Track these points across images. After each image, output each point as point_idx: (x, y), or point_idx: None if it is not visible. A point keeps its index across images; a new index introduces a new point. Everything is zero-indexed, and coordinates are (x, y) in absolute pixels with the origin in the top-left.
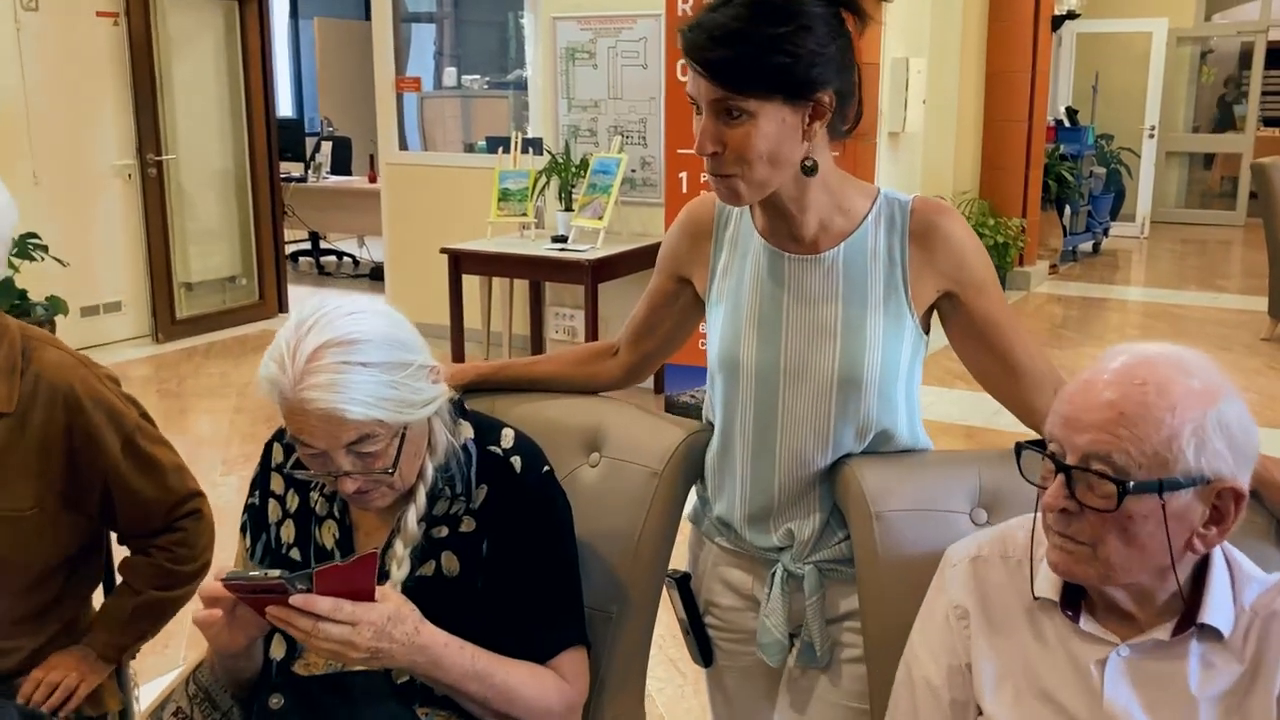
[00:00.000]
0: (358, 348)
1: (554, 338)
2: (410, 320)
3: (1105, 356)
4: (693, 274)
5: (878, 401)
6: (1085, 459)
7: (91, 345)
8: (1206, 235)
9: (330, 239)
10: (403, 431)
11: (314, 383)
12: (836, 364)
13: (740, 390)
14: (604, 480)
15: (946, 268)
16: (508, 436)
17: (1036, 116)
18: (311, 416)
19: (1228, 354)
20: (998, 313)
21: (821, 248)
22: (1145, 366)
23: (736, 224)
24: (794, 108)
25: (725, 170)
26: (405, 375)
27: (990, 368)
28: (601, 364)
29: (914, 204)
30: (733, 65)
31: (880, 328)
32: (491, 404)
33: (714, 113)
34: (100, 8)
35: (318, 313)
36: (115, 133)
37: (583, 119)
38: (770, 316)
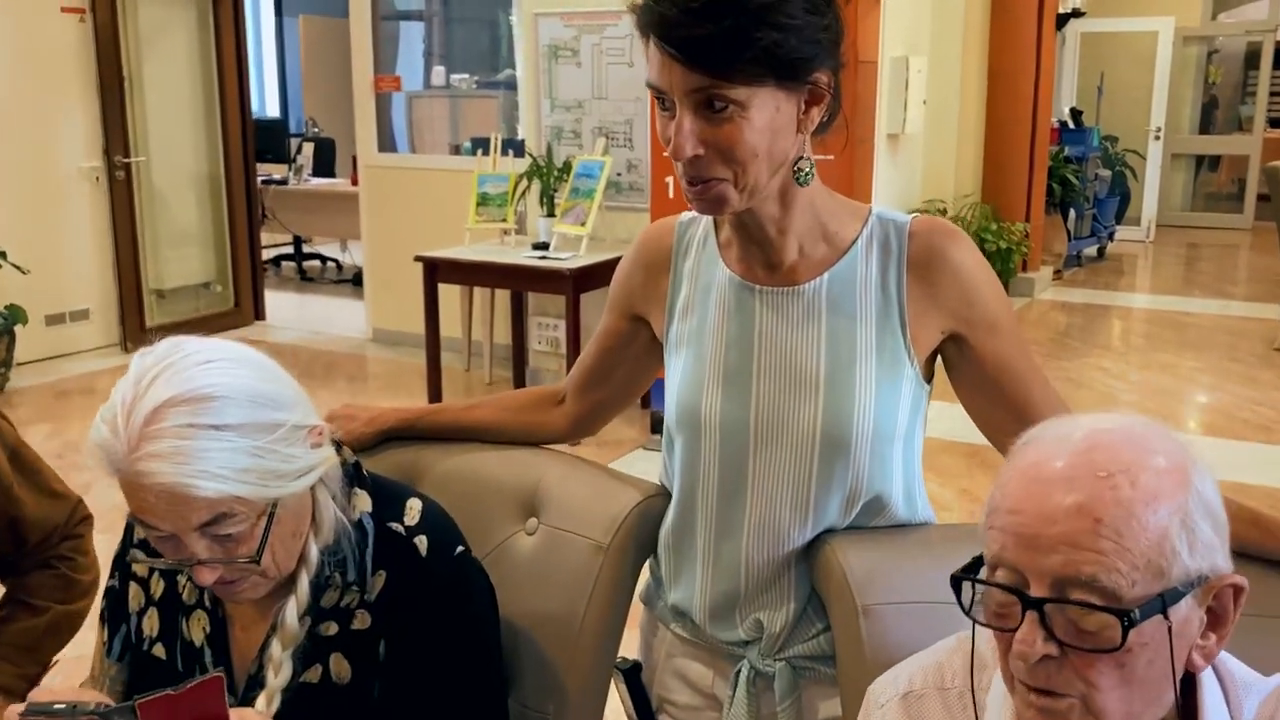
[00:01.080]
0: (211, 406)
1: (537, 348)
2: (389, 329)
3: (1039, 442)
4: (649, 312)
5: (869, 466)
6: (1060, 586)
7: (57, 355)
8: (1213, 239)
9: (314, 243)
10: (270, 509)
11: (153, 451)
12: (819, 421)
13: (702, 453)
14: (542, 552)
15: (953, 303)
16: (413, 510)
17: (1040, 118)
18: (150, 493)
19: (1238, 364)
20: (1014, 357)
21: (800, 278)
22: (1102, 452)
23: (698, 253)
24: (788, 92)
25: (709, 174)
26: (273, 440)
27: (1004, 423)
28: (545, 413)
29: (913, 226)
30: (716, 44)
31: (873, 377)
32: (417, 455)
33: (692, 106)
34: (65, 4)
35: (163, 361)
36: (81, 134)
37: (566, 120)
38: (738, 363)
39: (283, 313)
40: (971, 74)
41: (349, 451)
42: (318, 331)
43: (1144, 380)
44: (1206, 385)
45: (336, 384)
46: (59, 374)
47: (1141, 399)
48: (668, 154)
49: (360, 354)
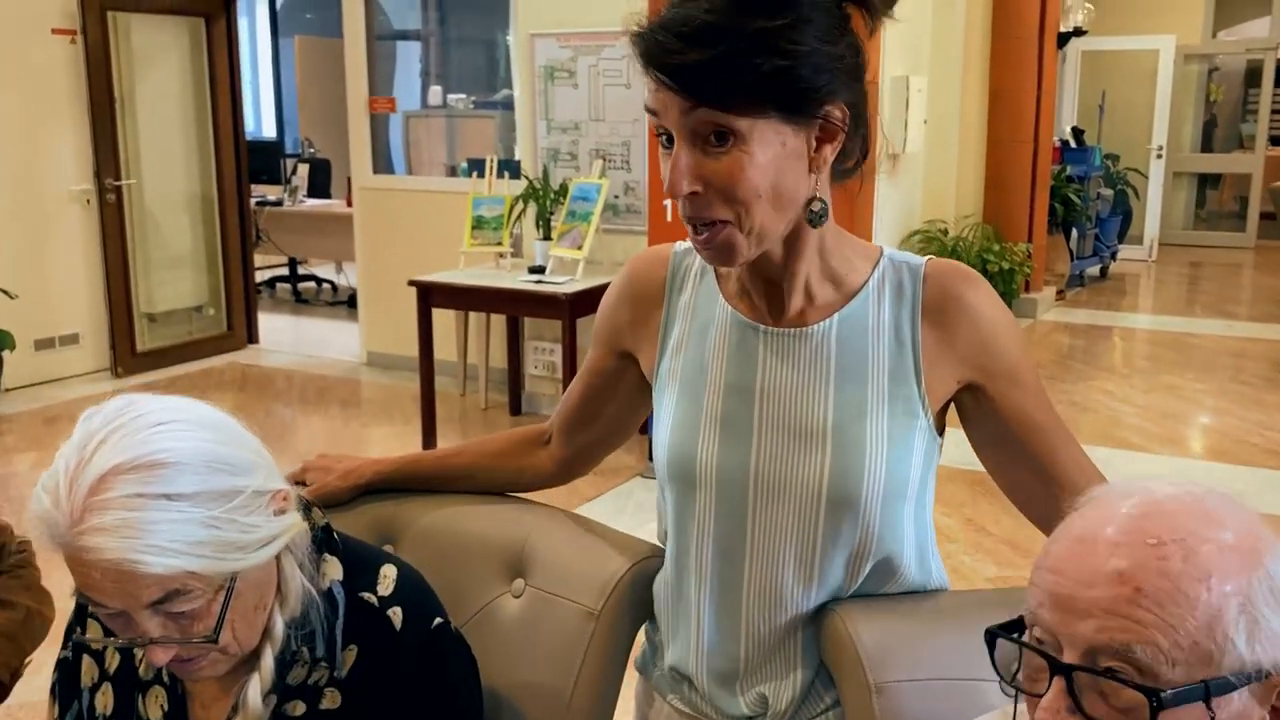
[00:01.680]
0: (162, 473)
1: (533, 373)
2: (384, 352)
3: (1097, 502)
4: (638, 349)
5: (879, 526)
6: (1092, 655)
7: (46, 380)
8: (1215, 258)
9: (309, 264)
10: (229, 583)
11: (98, 524)
12: (825, 476)
13: (696, 506)
14: (529, 617)
15: (970, 351)
16: (387, 578)
17: (1042, 136)
18: (95, 570)
19: (1246, 387)
20: (1035, 409)
21: (808, 320)
22: (1159, 519)
23: (695, 288)
24: (796, 127)
25: (711, 215)
26: (230, 508)
27: (1024, 480)
28: (531, 455)
29: (928, 269)
30: (711, 71)
31: (884, 428)
32: (395, 510)
33: (690, 139)
34: (56, 25)
35: (111, 423)
36: (72, 156)
37: (563, 141)
38: (737, 409)
39: (276, 336)
40: (972, 93)
41: (319, 513)
42: (311, 355)
43: (1149, 403)
44: (1213, 408)
45: (329, 410)
46: (48, 400)
47: (1147, 423)
48: (667, 191)
49: (354, 378)
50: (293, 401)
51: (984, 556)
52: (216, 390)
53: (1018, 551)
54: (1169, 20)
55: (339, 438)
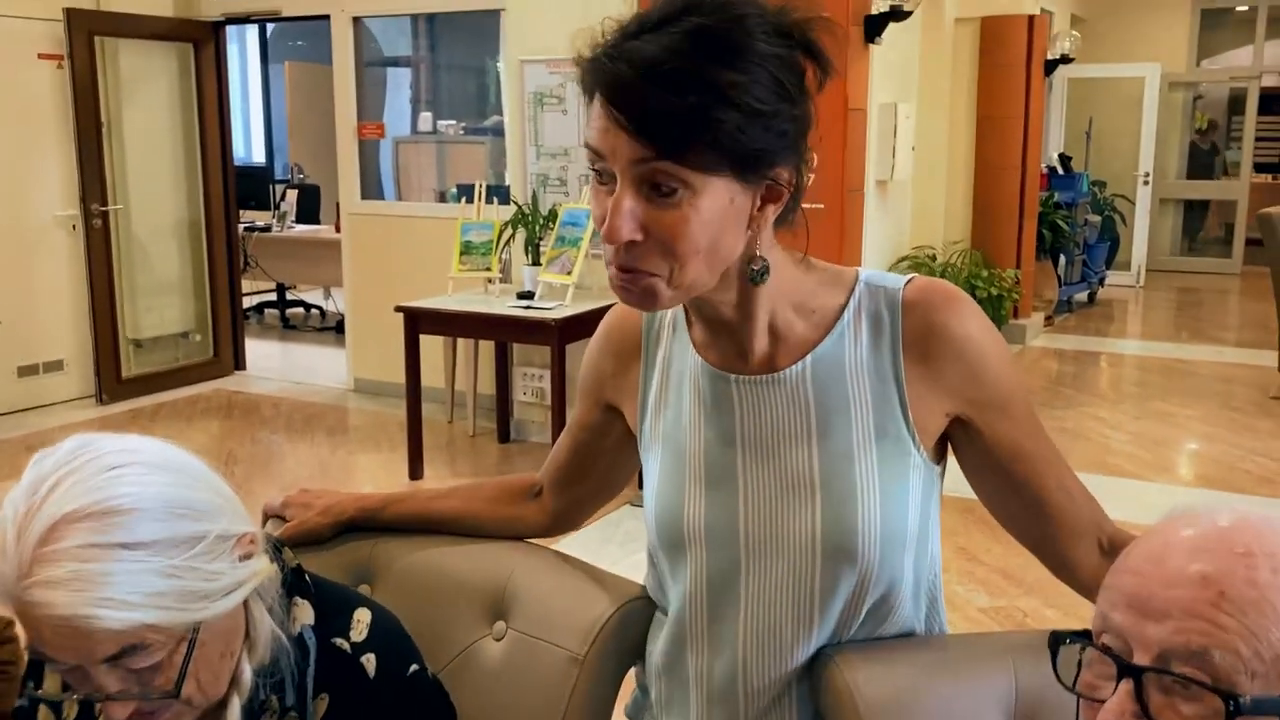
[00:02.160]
0: (118, 521)
1: (522, 399)
2: (371, 379)
3: (1176, 517)
4: (621, 403)
5: (878, 571)
6: (1165, 657)
7: (29, 407)
8: (1202, 284)
9: (298, 290)
10: (191, 634)
11: (48, 577)
12: (818, 529)
13: (688, 570)
14: (510, 662)
15: (957, 383)
16: (360, 622)
17: (1030, 163)
18: (46, 626)
19: (1237, 414)
20: (1025, 438)
21: (780, 363)
22: (1246, 531)
23: (670, 340)
24: (745, 185)
25: (643, 265)
26: (192, 555)
27: (1016, 509)
28: (523, 506)
29: (907, 294)
30: (680, 122)
31: (874, 473)
32: (374, 548)
33: (635, 182)
34: (43, 50)
35: (64, 467)
36: (58, 181)
37: (552, 167)
38: (721, 463)
39: (264, 362)
40: (960, 120)
41: (290, 554)
42: (299, 382)
43: (1141, 430)
44: (1204, 435)
45: (316, 437)
46: (30, 427)
47: (1139, 449)
48: (600, 234)
49: (341, 405)
50: (279, 429)
51: (976, 585)
52: (202, 417)
53: (1010, 580)
54: (1154, 48)
55: (326, 465)
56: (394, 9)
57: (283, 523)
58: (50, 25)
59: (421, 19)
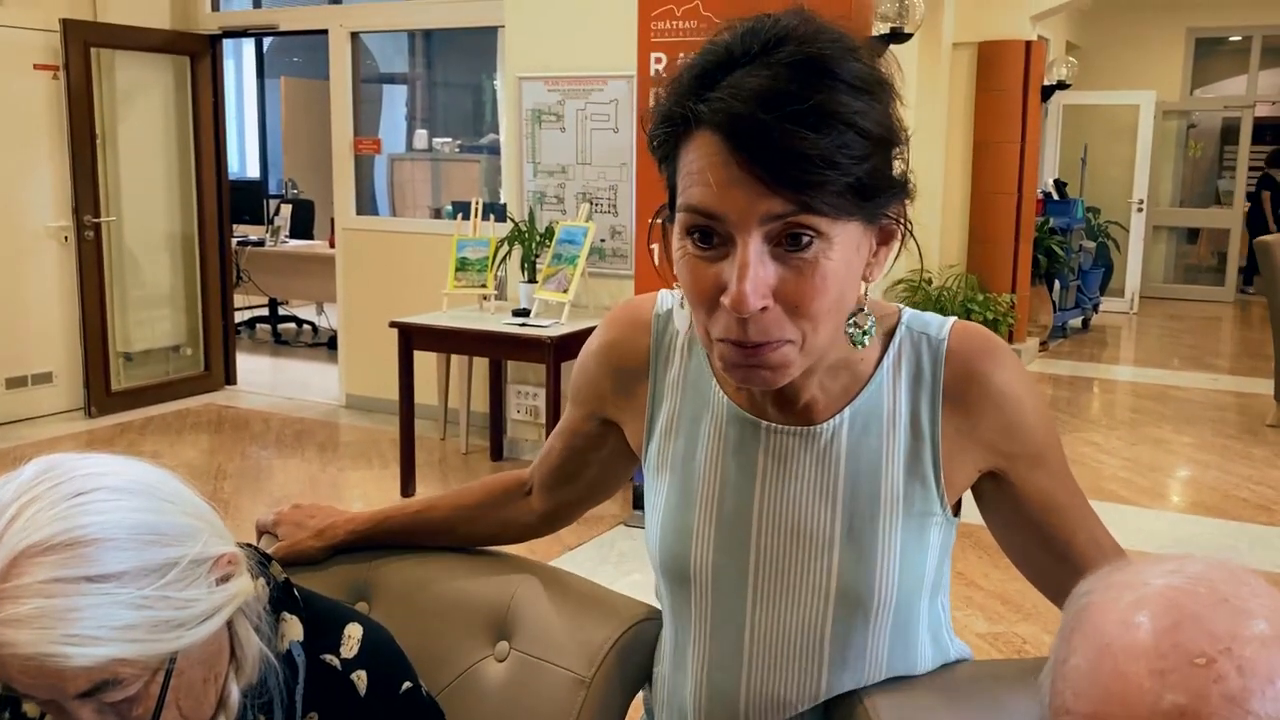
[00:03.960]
0: (84, 552)
1: (516, 417)
2: (364, 395)
3: (1102, 608)
4: (622, 421)
5: (891, 631)
6: None
7: (17, 420)
8: (1196, 311)
9: (291, 305)
10: (168, 664)
11: (11, 615)
12: (833, 584)
13: (691, 607)
14: (513, 683)
15: (993, 437)
16: (351, 638)
17: (1026, 188)
18: (12, 666)
19: (1232, 441)
20: (1058, 490)
21: (817, 416)
22: (1192, 629)
23: (684, 362)
24: (866, 227)
25: (776, 334)
26: (164, 584)
27: (1044, 562)
28: (512, 505)
29: (951, 344)
30: (820, 162)
31: (897, 530)
32: (370, 566)
33: (765, 239)
34: (39, 60)
35: (26, 494)
36: (50, 192)
37: (549, 185)
38: (735, 509)
39: (255, 376)
40: (957, 145)
41: (277, 568)
42: (290, 397)
43: (1135, 456)
44: (1200, 462)
45: (307, 453)
46: (18, 439)
47: (1134, 476)
48: (732, 306)
49: (333, 421)
50: (270, 444)
51: (974, 611)
52: (192, 432)
53: (1008, 606)
54: (1149, 76)
55: (316, 481)
56: (392, 25)
57: (275, 539)
58: (46, 36)
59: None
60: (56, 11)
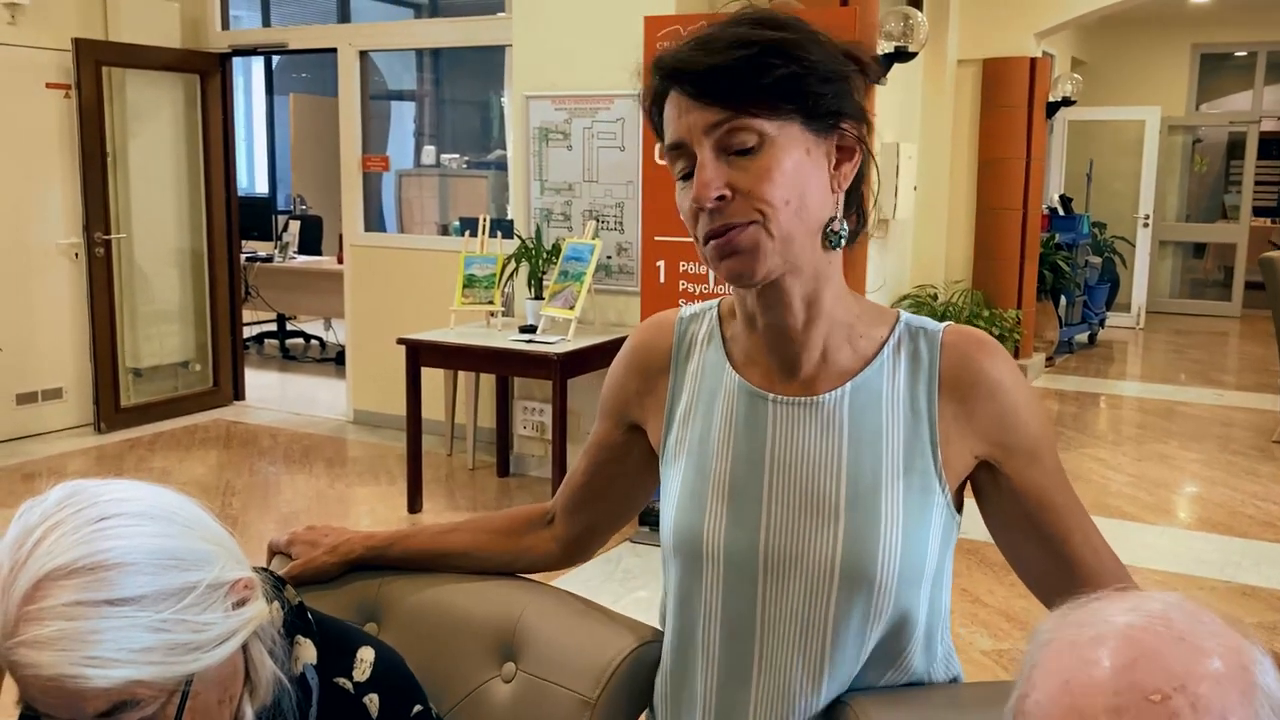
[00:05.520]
0: (105, 577)
1: (522, 433)
2: (371, 410)
3: (1065, 646)
4: (645, 420)
5: (892, 606)
6: None
7: (27, 435)
8: (1202, 326)
9: (298, 321)
10: (184, 686)
11: (34, 637)
12: (839, 552)
13: (703, 585)
14: (520, 705)
15: (988, 426)
16: (364, 662)
17: (1031, 204)
18: (34, 686)
19: (1237, 457)
20: (1053, 489)
21: (819, 389)
22: (1147, 667)
23: (702, 353)
24: (817, 136)
25: (735, 217)
26: (182, 607)
27: (1039, 562)
28: (533, 536)
29: (945, 336)
30: (732, 73)
31: (899, 503)
32: (381, 587)
33: (714, 145)
34: (51, 79)
35: (49, 520)
36: (61, 210)
37: (556, 202)
38: (745, 481)
39: (263, 392)
40: (962, 160)
41: (291, 592)
42: (298, 413)
43: (1141, 472)
44: (1206, 478)
45: (314, 468)
46: (27, 455)
47: (1140, 492)
48: (693, 201)
49: (340, 437)
50: (278, 459)
51: (979, 628)
52: (201, 447)
53: (1013, 623)
54: (1154, 92)
55: (324, 497)
56: (401, 44)
57: (288, 560)
58: (58, 55)
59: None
60: (68, 31)
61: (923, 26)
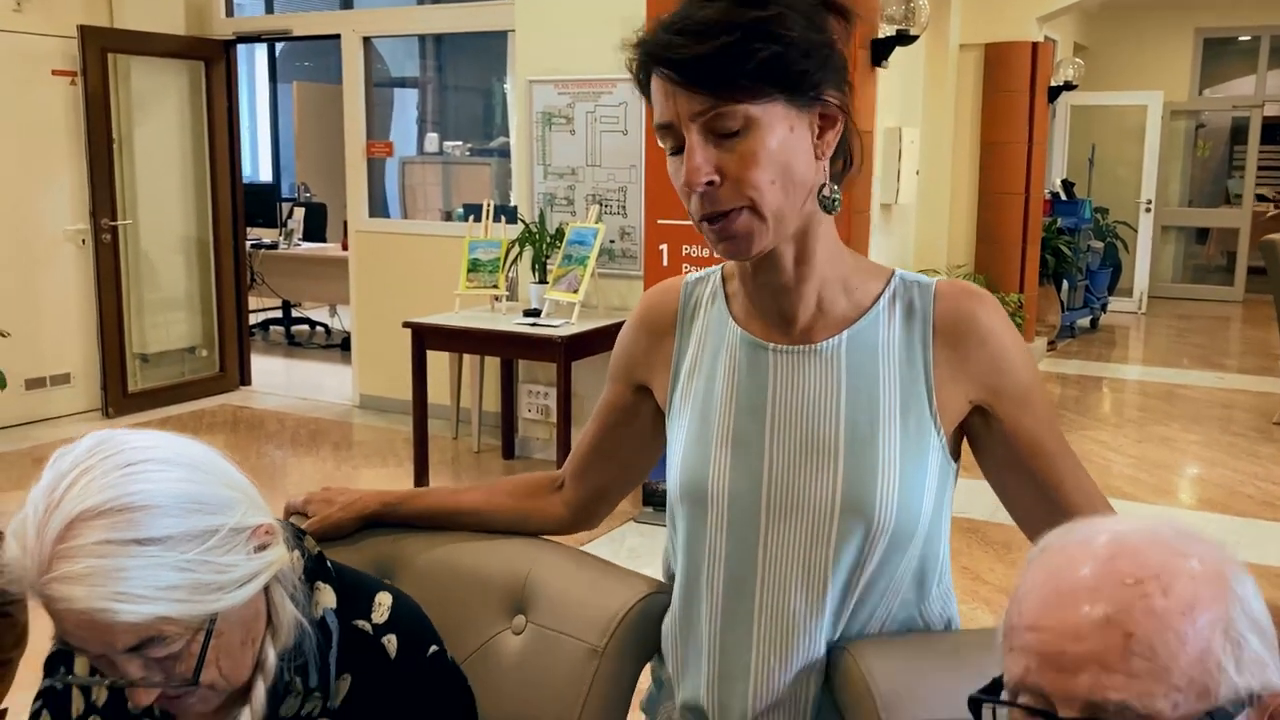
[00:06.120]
0: (133, 518)
1: (527, 416)
2: (377, 395)
3: (1055, 550)
4: (652, 379)
5: (889, 546)
6: (1094, 710)
7: (36, 420)
8: (1204, 311)
9: (303, 307)
10: (208, 624)
11: (66, 573)
12: (838, 493)
13: (708, 530)
14: (530, 654)
15: (981, 371)
16: (382, 605)
17: (1033, 189)
18: (67, 619)
19: (1238, 439)
20: (1044, 435)
21: (817, 337)
22: (1128, 559)
23: (706, 312)
24: (800, 110)
25: (727, 205)
26: (205, 549)
27: (1032, 506)
28: (543, 499)
29: (938, 287)
30: (715, 61)
31: (896, 445)
32: (394, 544)
33: (701, 131)
34: (57, 66)
35: (80, 465)
36: (68, 196)
37: (559, 187)
38: (748, 428)
39: (269, 378)
40: (964, 145)
41: (311, 541)
42: (304, 398)
43: (1142, 453)
44: (1206, 459)
45: (321, 451)
46: (37, 439)
47: (1140, 473)
48: (685, 185)
49: (347, 421)
50: (284, 443)
51: (979, 605)
52: (208, 432)
53: None
54: (1157, 77)
55: (330, 480)
56: (404, 29)
57: (304, 519)
58: (64, 42)
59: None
60: (74, 18)
61: (924, 10)
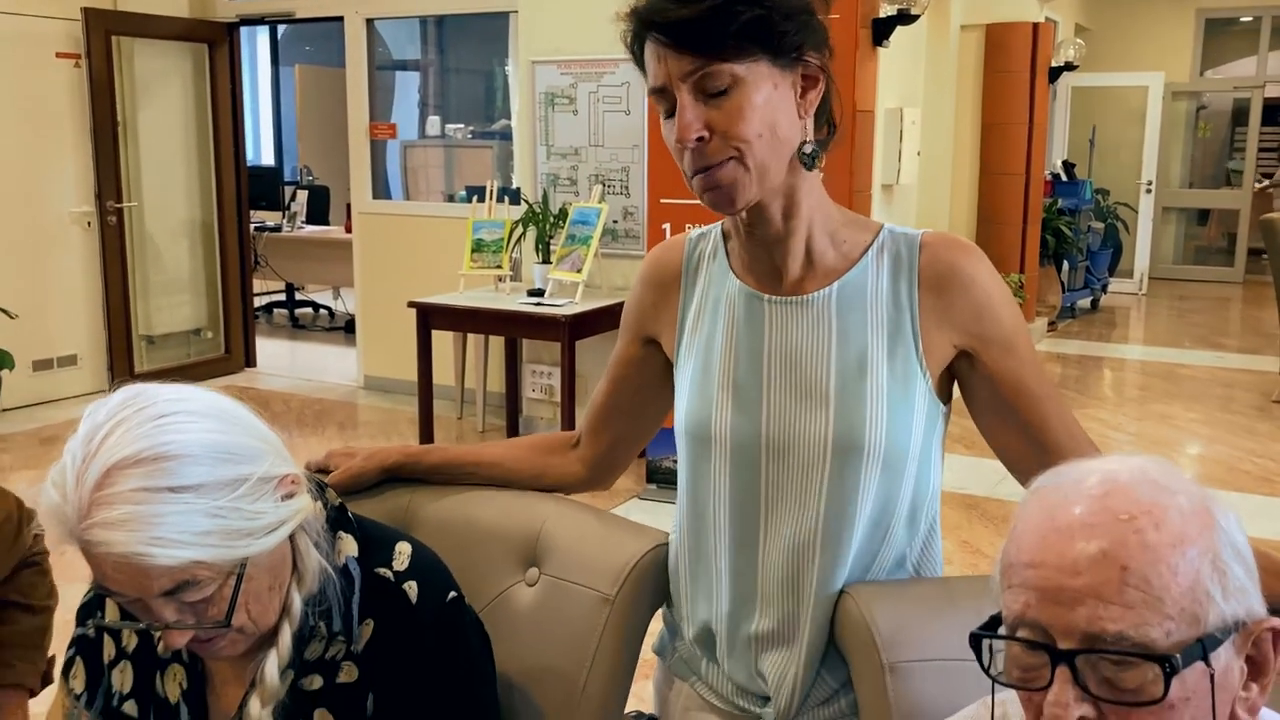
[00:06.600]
0: (167, 466)
1: (531, 396)
2: (382, 376)
3: (1049, 489)
4: (660, 332)
5: (880, 478)
6: (1092, 641)
7: (43, 401)
8: (1204, 292)
9: (307, 290)
10: (239, 569)
11: (104, 519)
12: (830, 432)
13: (712, 468)
14: (543, 604)
15: (965, 318)
16: (402, 554)
17: (1034, 170)
18: (105, 563)
19: (1237, 417)
20: (1029, 377)
21: (809, 288)
22: (1119, 496)
23: (709, 266)
24: (783, 70)
25: (715, 157)
26: (236, 497)
27: (1019, 448)
28: (560, 455)
29: (924, 238)
30: (700, 23)
31: (884, 388)
32: (411, 499)
33: (691, 90)
34: (61, 49)
35: (115, 417)
36: (74, 179)
37: (562, 167)
38: (747, 375)
39: (274, 360)
40: (965, 126)
41: (333, 493)
42: (309, 379)
43: (1142, 431)
44: (1205, 437)
45: (327, 431)
46: (44, 420)
47: (1141, 450)
48: (676, 141)
49: (351, 401)
50: (290, 424)
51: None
52: None
53: None
54: (1158, 58)
55: None
56: (407, 10)
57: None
58: (68, 24)
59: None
60: (78, 1)
61: None
